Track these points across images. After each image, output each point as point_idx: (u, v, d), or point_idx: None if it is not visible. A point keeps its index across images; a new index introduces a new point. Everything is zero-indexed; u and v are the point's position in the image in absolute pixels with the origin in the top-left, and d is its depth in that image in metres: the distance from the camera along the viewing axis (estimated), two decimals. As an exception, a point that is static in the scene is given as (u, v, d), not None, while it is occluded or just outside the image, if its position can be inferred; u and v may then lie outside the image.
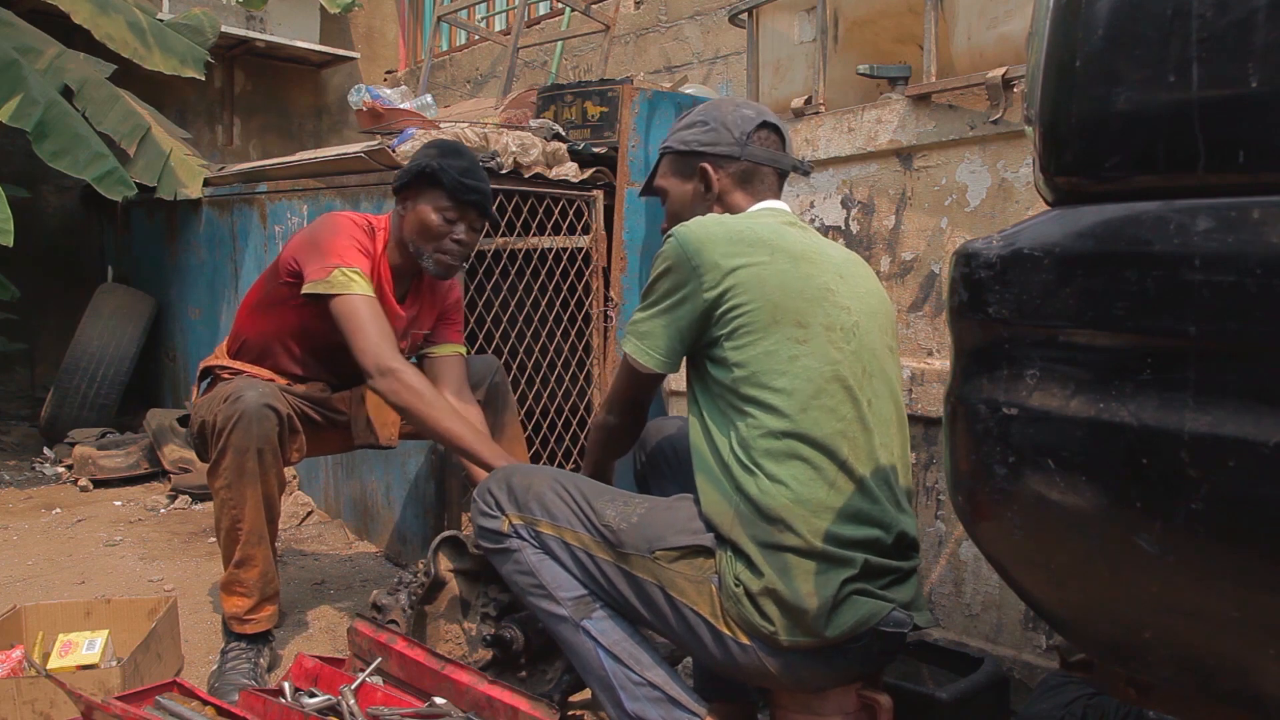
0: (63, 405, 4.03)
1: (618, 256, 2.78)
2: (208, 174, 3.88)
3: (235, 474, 1.76)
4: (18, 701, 1.58)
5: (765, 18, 2.44)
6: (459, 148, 1.96)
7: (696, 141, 1.51)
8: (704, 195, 1.51)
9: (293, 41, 5.51)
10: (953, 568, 1.86)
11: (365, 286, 1.84)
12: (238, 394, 1.77)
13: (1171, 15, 0.67)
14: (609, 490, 1.46)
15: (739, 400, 1.31)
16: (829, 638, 1.24)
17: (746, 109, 1.52)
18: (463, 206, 1.89)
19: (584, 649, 1.39)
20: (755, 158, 1.49)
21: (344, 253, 1.85)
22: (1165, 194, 0.69)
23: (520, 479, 1.49)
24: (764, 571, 1.25)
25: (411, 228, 1.92)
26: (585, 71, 4.66)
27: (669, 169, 1.56)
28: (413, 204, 1.91)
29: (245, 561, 1.82)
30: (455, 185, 1.86)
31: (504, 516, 1.46)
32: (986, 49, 1.88)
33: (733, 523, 1.28)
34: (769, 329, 1.30)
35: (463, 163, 1.90)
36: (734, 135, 1.49)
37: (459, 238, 1.91)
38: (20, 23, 3.85)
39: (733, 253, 1.32)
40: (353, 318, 1.81)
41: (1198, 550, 0.67)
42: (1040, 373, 0.76)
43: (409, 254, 1.95)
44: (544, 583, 1.41)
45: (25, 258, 4.03)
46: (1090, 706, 1.40)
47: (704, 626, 1.30)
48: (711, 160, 1.49)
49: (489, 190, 1.94)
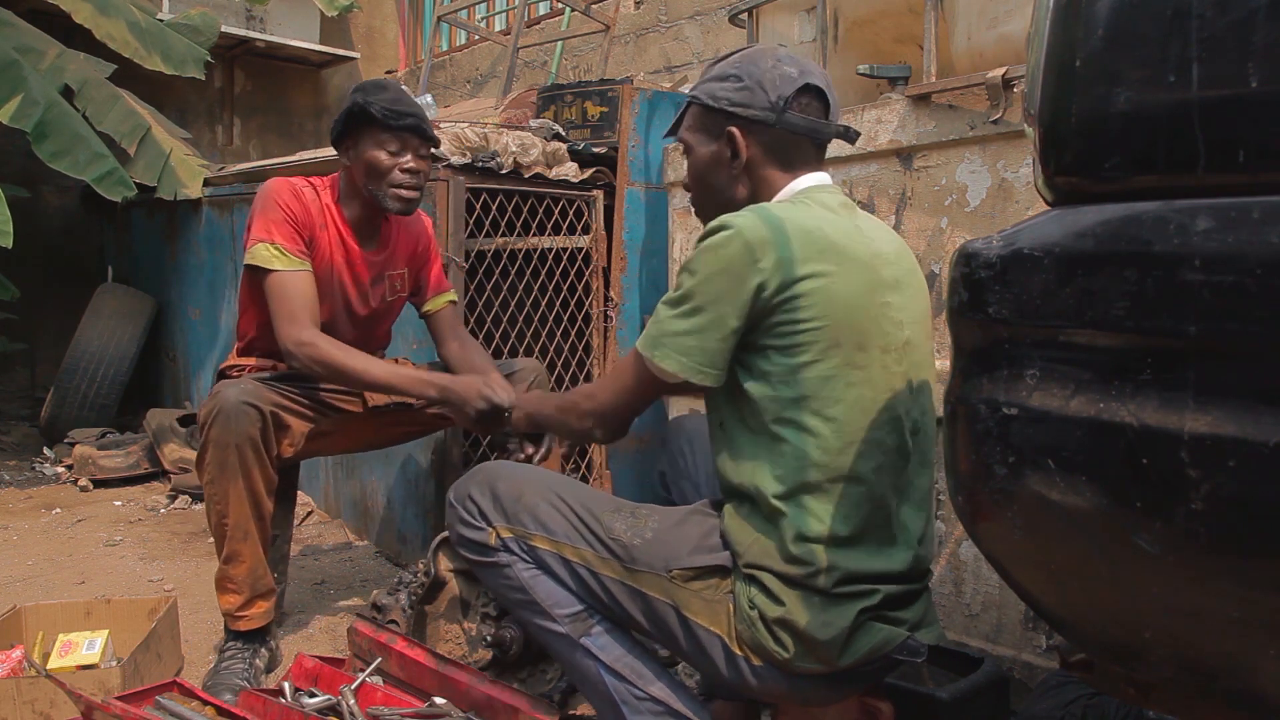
0: (63, 405, 4.03)
1: (618, 256, 2.78)
2: (208, 174, 3.88)
3: (217, 469, 1.76)
4: (18, 701, 1.58)
5: (765, 18, 2.44)
6: (382, 82, 1.98)
7: (726, 100, 1.32)
8: (729, 162, 1.34)
9: (293, 41, 5.51)
10: (953, 568, 1.86)
11: (286, 261, 1.87)
12: (219, 390, 1.78)
13: (1171, 15, 0.67)
14: (611, 500, 1.39)
15: (778, 424, 1.21)
16: (842, 665, 1.21)
17: (788, 65, 1.31)
18: (401, 134, 1.90)
19: (583, 666, 1.33)
20: (792, 127, 1.30)
21: (266, 226, 1.89)
22: (1165, 194, 0.69)
23: (507, 486, 1.39)
24: (784, 601, 1.20)
25: (361, 173, 1.93)
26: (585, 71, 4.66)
27: (694, 122, 1.38)
28: (354, 150, 1.93)
29: (233, 557, 1.82)
30: (387, 114, 1.87)
31: (490, 528, 1.36)
32: (986, 49, 1.88)
33: (757, 551, 1.22)
34: (828, 352, 1.19)
35: (389, 93, 1.91)
36: (770, 98, 1.30)
37: (408, 166, 1.92)
38: (20, 23, 3.85)
39: (803, 257, 1.18)
40: (271, 295, 1.87)
41: (1198, 550, 0.67)
42: (1040, 373, 0.75)
43: (367, 199, 1.96)
44: (537, 599, 1.33)
45: (25, 258, 4.03)
46: (1090, 706, 1.39)
47: (718, 646, 1.25)
48: (741, 125, 1.31)
49: (422, 113, 1.94)
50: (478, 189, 2.56)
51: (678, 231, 2.57)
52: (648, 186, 2.83)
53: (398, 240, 2.10)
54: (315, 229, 1.95)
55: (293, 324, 1.84)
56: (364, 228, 2.03)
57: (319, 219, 1.96)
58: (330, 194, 2.00)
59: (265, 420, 1.78)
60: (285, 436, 1.85)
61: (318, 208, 1.96)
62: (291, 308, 1.85)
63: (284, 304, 1.86)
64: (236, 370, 2.02)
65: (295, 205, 1.92)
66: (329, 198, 2.00)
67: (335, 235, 1.99)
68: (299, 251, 1.90)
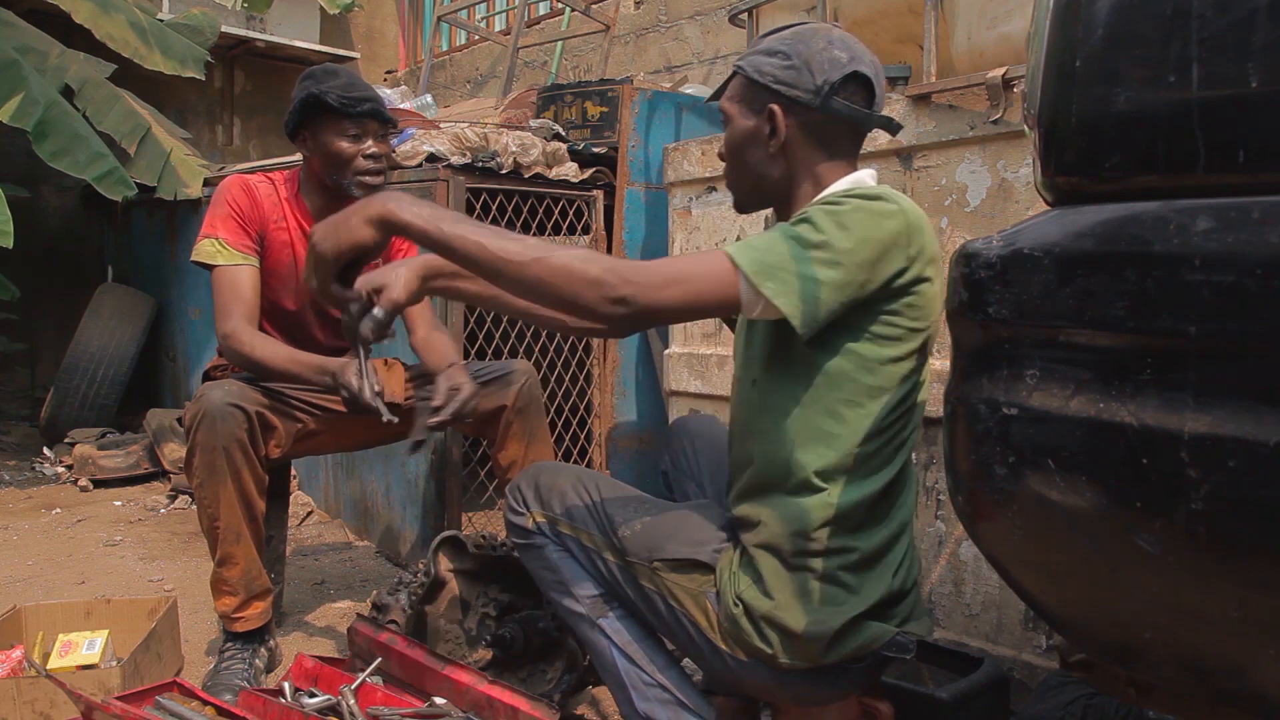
0: (63, 405, 4.03)
1: (617, 256, 2.78)
2: (208, 174, 3.88)
3: (206, 472, 1.75)
4: (18, 701, 1.58)
5: (765, 18, 2.44)
6: (332, 68, 1.95)
7: (772, 77, 1.29)
8: (767, 140, 1.31)
9: (293, 42, 5.51)
10: (953, 568, 1.86)
11: (228, 256, 1.89)
12: (204, 393, 1.77)
13: (1171, 15, 0.67)
14: (626, 492, 1.43)
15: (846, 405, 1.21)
16: (827, 661, 1.22)
17: (839, 49, 1.28)
18: (359, 120, 1.88)
19: (599, 646, 1.39)
20: (835, 113, 1.28)
21: (213, 222, 1.90)
22: (1165, 194, 0.69)
23: (547, 477, 1.47)
24: (775, 596, 1.21)
25: (323, 163, 1.91)
26: (585, 71, 4.66)
27: (737, 93, 1.35)
28: (312, 141, 1.91)
29: (226, 560, 1.81)
30: (344, 101, 1.85)
31: (529, 514, 1.44)
32: (986, 49, 1.88)
33: (773, 527, 1.23)
34: (916, 354, 1.23)
35: (342, 80, 1.89)
36: (815, 81, 1.27)
37: (370, 152, 1.90)
38: (20, 23, 3.85)
39: (933, 258, 1.21)
40: (214, 291, 1.90)
41: (1198, 550, 0.67)
42: (1040, 373, 0.75)
43: (330, 191, 1.95)
44: (565, 580, 1.41)
45: (25, 258, 4.03)
46: (1090, 706, 1.40)
47: (702, 638, 1.29)
48: (783, 104, 1.28)
49: (378, 96, 1.93)
50: (478, 189, 2.56)
51: (678, 231, 2.57)
52: (648, 186, 2.83)
53: None
54: (268, 224, 1.94)
55: (222, 317, 1.87)
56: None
57: (272, 214, 1.95)
58: (289, 187, 1.99)
59: (251, 421, 1.77)
60: (271, 437, 1.84)
61: (272, 202, 1.95)
62: (224, 301, 1.88)
63: (219, 298, 1.89)
64: (220, 371, 2.02)
65: (244, 200, 1.92)
66: (287, 191, 1.98)
67: (295, 227, 1.97)
68: (242, 245, 1.90)
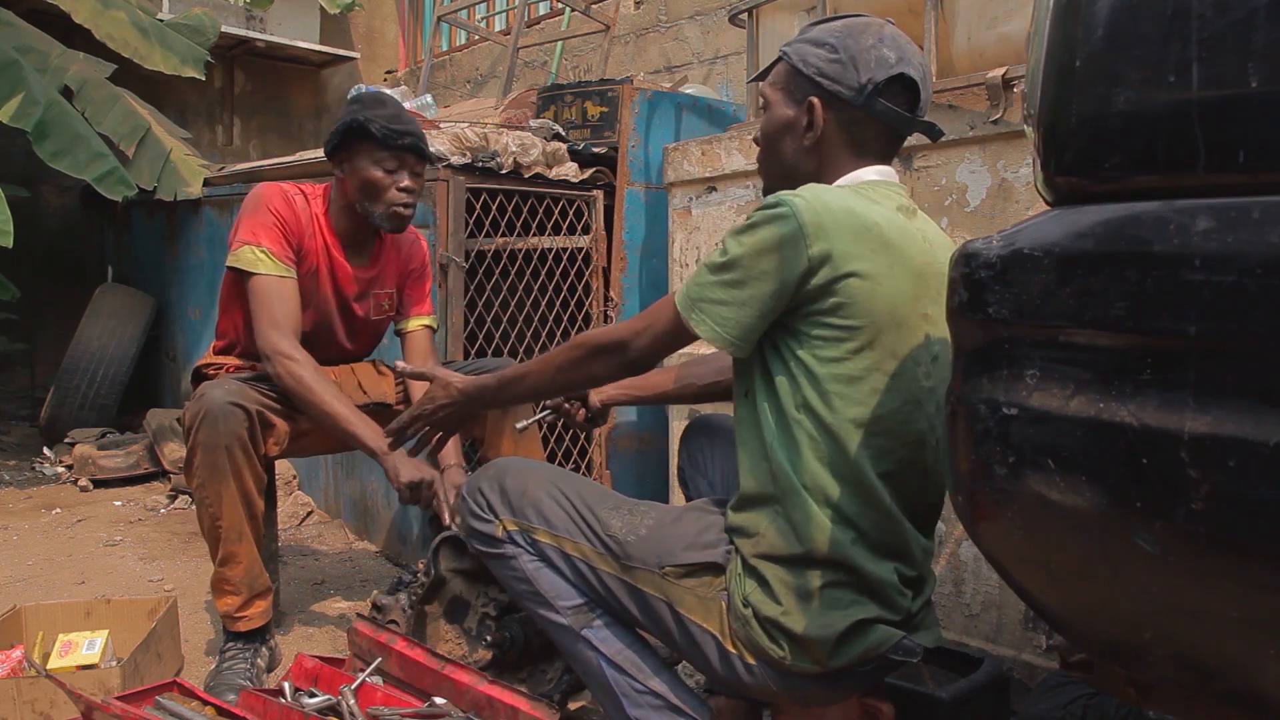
0: (63, 405, 4.03)
1: (618, 256, 2.78)
2: (208, 174, 3.88)
3: (207, 472, 1.75)
4: (18, 701, 1.58)
5: (765, 18, 2.44)
6: (381, 97, 1.94)
7: (816, 69, 1.27)
8: (804, 132, 1.29)
9: (293, 41, 5.51)
10: (953, 568, 1.86)
11: (272, 265, 1.87)
12: (203, 392, 1.77)
13: (1171, 15, 0.67)
14: (612, 496, 1.40)
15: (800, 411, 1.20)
16: (834, 665, 1.20)
17: (889, 48, 1.26)
18: (399, 153, 1.88)
19: (585, 657, 1.35)
20: (875, 113, 1.26)
21: (254, 229, 1.87)
22: (1165, 194, 0.69)
23: (514, 480, 1.41)
24: (782, 601, 1.20)
25: (355, 188, 1.91)
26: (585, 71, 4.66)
27: (780, 80, 1.33)
28: (349, 164, 1.90)
29: (229, 559, 1.81)
30: (386, 133, 1.85)
31: (498, 521, 1.39)
32: (986, 49, 1.88)
33: (770, 538, 1.21)
34: (860, 354, 1.18)
35: (388, 110, 1.88)
36: (860, 79, 1.24)
37: (404, 185, 1.90)
38: (20, 23, 3.85)
39: (855, 253, 1.15)
40: (254, 297, 1.86)
41: (1198, 550, 0.67)
42: (1040, 373, 0.75)
43: (358, 215, 1.94)
44: (541, 591, 1.36)
45: (25, 258, 4.03)
46: (1090, 706, 1.39)
47: (711, 643, 1.25)
48: (825, 97, 1.27)
49: (421, 131, 1.92)
50: (478, 189, 2.56)
51: (678, 232, 2.57)
52: (648, 186, 2.83)
53: (388, 258, 2.08)
54: (304, 237, 1.94)
55: (275, 330, 1.83)
56: (352, 241, 2.01)
57: (308, 228, 1.95)
58: (320, 204, 1.98)
59: (252, 419, 1.77)
60: (270, 435, 1.84)
61: (307, 216, 1.95)
62: (274, 314, 1.85)
63: (267, 309, 1.85)
64: (213, 369, 2.01)
65: (286, 211, 1.91)
66: (319, 207, 1.98)
67: (321, 245, 1.97)
68: (285, 257, 1.89)
